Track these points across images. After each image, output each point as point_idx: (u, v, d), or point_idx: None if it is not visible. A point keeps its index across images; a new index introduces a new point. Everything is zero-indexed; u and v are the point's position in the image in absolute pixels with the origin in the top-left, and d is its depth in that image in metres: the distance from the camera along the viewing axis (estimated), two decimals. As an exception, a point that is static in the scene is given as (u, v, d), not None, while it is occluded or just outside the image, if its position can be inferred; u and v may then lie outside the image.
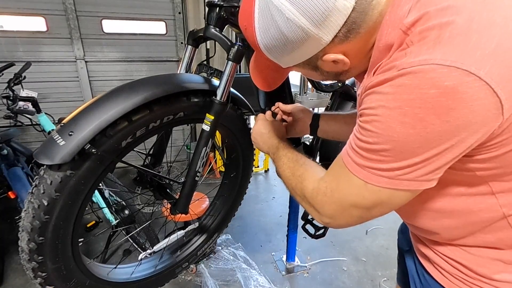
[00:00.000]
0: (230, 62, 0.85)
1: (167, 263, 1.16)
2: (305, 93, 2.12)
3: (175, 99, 0.82)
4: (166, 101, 0.79)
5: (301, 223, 1.63)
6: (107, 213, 1.69)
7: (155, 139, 1.04)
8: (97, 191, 1.71)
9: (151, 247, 1.08)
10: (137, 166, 0.97)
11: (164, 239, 1.10)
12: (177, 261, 1.19)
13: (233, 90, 0.95)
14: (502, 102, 0.37)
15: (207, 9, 0.88)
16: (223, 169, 1.36)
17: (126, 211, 1.66)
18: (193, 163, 0.91)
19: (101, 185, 1.71)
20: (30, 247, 0.71)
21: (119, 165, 0.90)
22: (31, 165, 1.99)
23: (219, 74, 0.91)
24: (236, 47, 0.83)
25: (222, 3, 0.84)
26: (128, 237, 1.76)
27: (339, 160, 0.51)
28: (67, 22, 2.69)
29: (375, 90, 0.42)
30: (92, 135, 0.67)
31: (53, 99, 2.83)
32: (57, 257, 0.76)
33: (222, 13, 0.85)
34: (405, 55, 0.40)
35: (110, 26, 2.86)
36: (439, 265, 0.60)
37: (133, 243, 1.75)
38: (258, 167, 3.31)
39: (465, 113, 0.37)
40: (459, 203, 0.51)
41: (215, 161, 3.12)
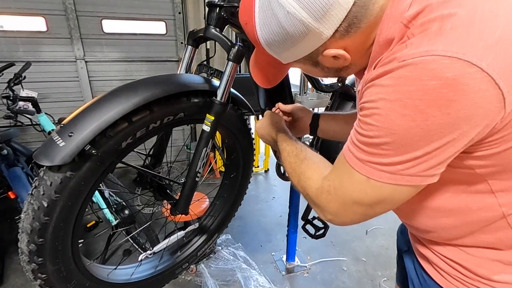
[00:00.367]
0: (230, 62, 0.85)
1: (167, 263, 1.16)
2: (305, 93, 2.12)
3: (175, 100, 0.82)
4: (166, 102, 0.79)
5: (301, 223, 1.63)
6: (107, 213, 1.69)
7: (155, 140, 1.04)
8: (97, 191, 1.71)
9: (151, 248, 1.08)
10: (137, 166, 0.97)
11: (164, 239, 1.10)
12: (177, 262, 1.19)
13: (233, 90, 0.95)
14: (504, 94, 0.36)
15: (207, 9, 0.87)
16: (223, 169, 1.36)
17: (126, 212, 1.66)
18: (193, 163, 0.91)
19: (101, 186, 1.71)
20: (30, 248, 0.71)
21: (119, 165, 0.90)
22: (31, 165, 1.99)
23: (219, 74, 0.91)
24: (236, 47, 0.82)
25: (222, 3, 0.84)
26: (128, 238, 1.75)
27: (341, 157, 0.51)
28: (67, 22, 2.69)
29: (375, 83, 0.42)
30: (92, 136, 0.67)
31: (53, 99, 2.83)
32: (57, 258, 0.76)
33: (222, 13, 0.85)
34: (405, 47, 0.39)
35: (110, 26, 2.86)
36: (438, 266, 0.59)
37: (133, 244, 1.75)
38: (258, 167, 3.31)
39: (466, 105, 0.36)
40: (458, 202, 0.50)
41: (215, 162, 3.11)
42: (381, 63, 0.43)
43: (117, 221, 1.66)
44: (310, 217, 1.61)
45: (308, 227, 1.60)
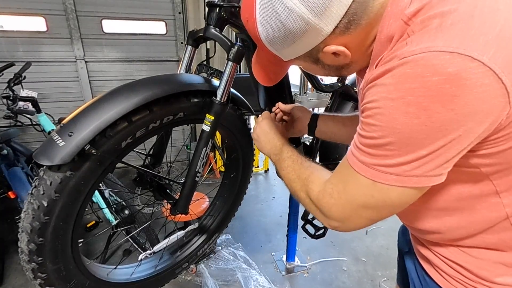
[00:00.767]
0: (230, 62, 0.85)
1: (167, 263, 1.16)
2: (305, 93, 2.12)
3: (175, 100, 0.82)
4: (166, 102, 0.79)
5: (301, 223, 1.63)
6: (107, 213, 1.69)
7: (155, 140, 1.04)
8: (97, 191, 1.71)
9: (151, 248, 1.08)
10: (137, 166, 0.97)
11: (164, 239, 1.10)
12: (177, 261, 1.19)
13: (233, 90, 0.95)
14: (507, 89, 0.36)
15: (207, 9, 0.87)
16: (223, 169, 1.36)
17: (126, 211, 1.66)
18: (193, 163, 0.90)
19: (101, 186, 1.71)
20: (29, 248, 0.71)
21: (119, 165, 0.90)
22: (31, 165, 1.99)
23: (219, 74, 0.91)
24: (236, 47, 0.82)
25: (222, 3, 0.84)
26: (128, 237, 1.76)
27: (345, 161, 0.50)
28: (67, 22, 2.69)
29: (377, 82, 0.42)
30: (92, 135, 0.67)
31: (53, 99, 2.83)
32: (57, 258, 0.76)
33: (222, 13, 0.85)
34: (406, 45, 0.39)
35: (110, 26, 2.86)
36: (439, 267, 0.59)
37: (133, 243, 1.75)
38: (258, 167, 3.31)
39: (470, 100, 0.36)
40: (463, 202, 0.50)
41: (215, 161, 3.11)
42: (382, 61, 0.43)
43: (117, 221, 1.66)
44: (310, 217, 1.61)
45: (308, 227, 1.60)
